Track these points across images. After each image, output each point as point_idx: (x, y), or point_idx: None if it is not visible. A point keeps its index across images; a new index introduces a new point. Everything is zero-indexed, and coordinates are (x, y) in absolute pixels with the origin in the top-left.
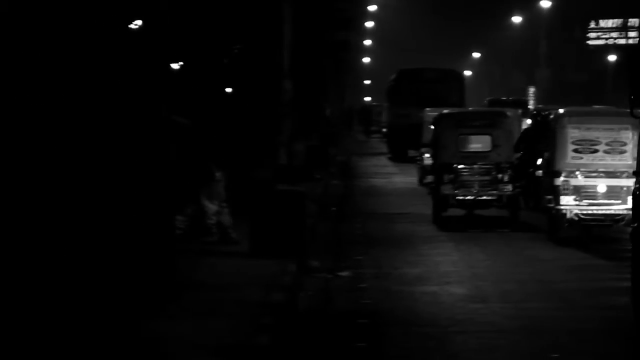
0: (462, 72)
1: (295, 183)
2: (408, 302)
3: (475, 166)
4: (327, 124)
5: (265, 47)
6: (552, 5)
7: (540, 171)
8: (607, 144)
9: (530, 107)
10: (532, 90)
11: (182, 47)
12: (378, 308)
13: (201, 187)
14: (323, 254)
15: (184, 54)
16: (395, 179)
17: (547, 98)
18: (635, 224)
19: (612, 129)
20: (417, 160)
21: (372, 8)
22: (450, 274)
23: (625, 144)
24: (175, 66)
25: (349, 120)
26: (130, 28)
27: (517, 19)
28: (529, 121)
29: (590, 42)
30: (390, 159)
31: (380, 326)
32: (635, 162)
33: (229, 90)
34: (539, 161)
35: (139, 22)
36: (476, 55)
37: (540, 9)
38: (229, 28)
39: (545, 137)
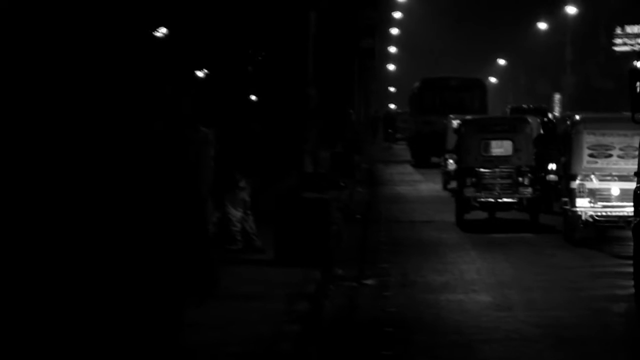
0: (487, 79)
1: (321, 191)
2: (434, 310)
3: (496, 170)
4: (352, 131)
5: (290, 54)
6: (578, 12)
7: (552, 176)
8: (620, 149)
9: (556, 114)
10: (557, 97)
11: (207, 55)
12: (404, 316)
13: (226, 194)
14: (348, 261)
15: (209, 62)
16: (420, 186)
17: (572, 104)
18: (637, 220)
19: (625, 135)
20: (442, 165)
21: (397, 15)
22: (476, 282)
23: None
24: (200, 74)
25: (374, 127)
26: (155, 35)
27: (542, 26)
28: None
29: (616, 48)
30: (413, 165)
31: (406, 334)
32: None
33: (253, 97)
34: (550, 166)
35: (164, 30)
36: (501, 62)
37: (566, 15)
38: (253, 35)
39: (555, 143)
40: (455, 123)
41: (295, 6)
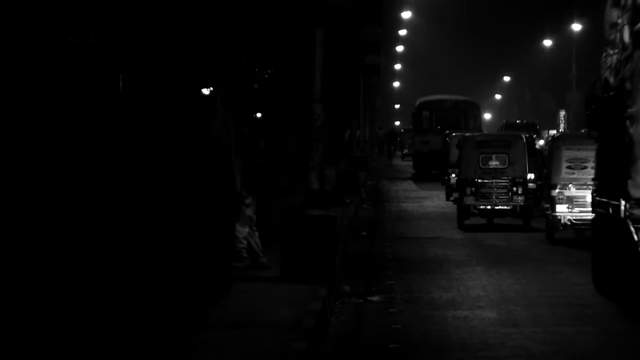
0: (492, 95)
1: (326, 207)
2: (439, 327)
3: (493, 180)
4: (357, 147)
5: (297, 72)
6: (583, 29)
7: (531, 184)
8: (594, 162)
9: (561, 130)
10: (562, 113)
11: (212, 72)
12: (409, 333)
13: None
14: (354, 278)
15: (214, 79)
16: (425, 202)
17: (578, 121)
18: (594, 215)
19: None
20: (445, 179)
21: (403, 32)
22: (482, 298)
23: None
24: (205, 91)
25: (380, 144)
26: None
27: (547, 43)
28: (541, 142)
29: None
30: (417, 181)
31: (412, 351)
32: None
33: (259, 115)
34: (529, 176)
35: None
36: (507, 79)
37: (571, 32)
38: (259, 53)
39: (534, 155)
40: (457, 139)
41: (302, 23)
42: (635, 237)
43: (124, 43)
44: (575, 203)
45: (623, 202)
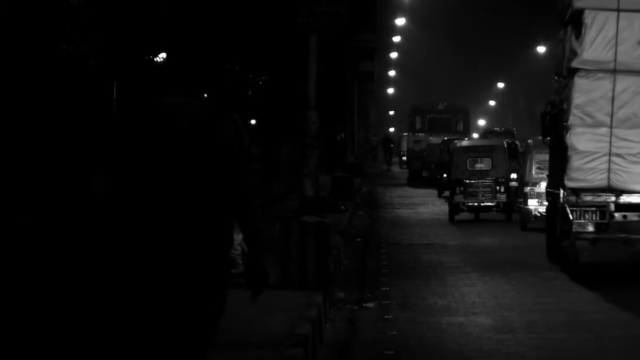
0: (487, 102)
1: (321, 214)
2: (435, 333)
3: (479, 181)
4: (352, 154)
5: (291, 78)
6: None
7: (514, 183)
8: None
9: None
10: None
11: (206, 79)
12: (405, 339)
13: None
14: (349, 284)
15: (208, 85)
16: (420, 209)
17: None
18: (547, 203)
19: None
20: (438, 177)
21: (397, 39)
22: (477, 305)
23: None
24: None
25: (373, 151)
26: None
27: (541, 49)
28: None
29: None
30: (410, 186)
31: (408, 357)
32: None
33: (253, 121)
34: (512, 175)
35: (163, 55)
36: (500, 85)
37: None
38: (254, 59)
39: (516, 158)
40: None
41: (296, 30)
42: (571, 217)
43: (117, 50)
44: (544, 198)
45: (562, 191)
